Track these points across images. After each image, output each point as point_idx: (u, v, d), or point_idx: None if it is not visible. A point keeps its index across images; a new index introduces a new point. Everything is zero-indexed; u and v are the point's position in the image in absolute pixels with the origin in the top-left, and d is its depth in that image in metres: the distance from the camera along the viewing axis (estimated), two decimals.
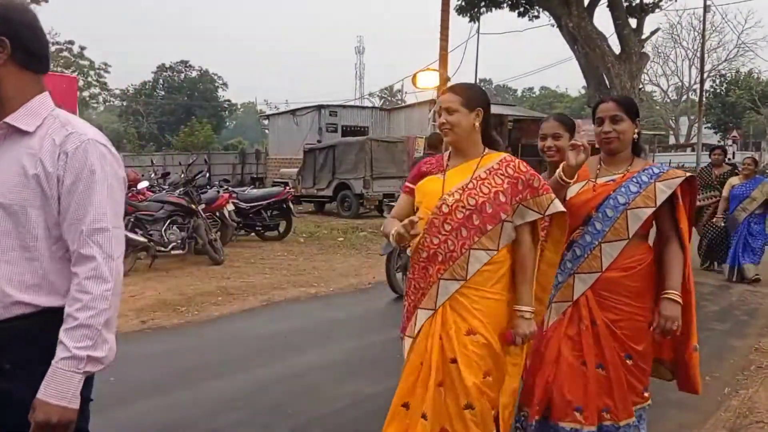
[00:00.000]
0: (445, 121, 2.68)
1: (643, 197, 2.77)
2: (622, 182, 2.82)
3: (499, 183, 2.63)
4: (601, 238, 2.79)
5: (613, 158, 2.91)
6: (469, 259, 2.59)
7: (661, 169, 2.85)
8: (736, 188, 8.94)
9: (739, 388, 4.69)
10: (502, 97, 70.58)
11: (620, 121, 2.82)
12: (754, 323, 6.62)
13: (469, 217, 2.59)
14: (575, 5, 23.01)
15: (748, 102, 49.23)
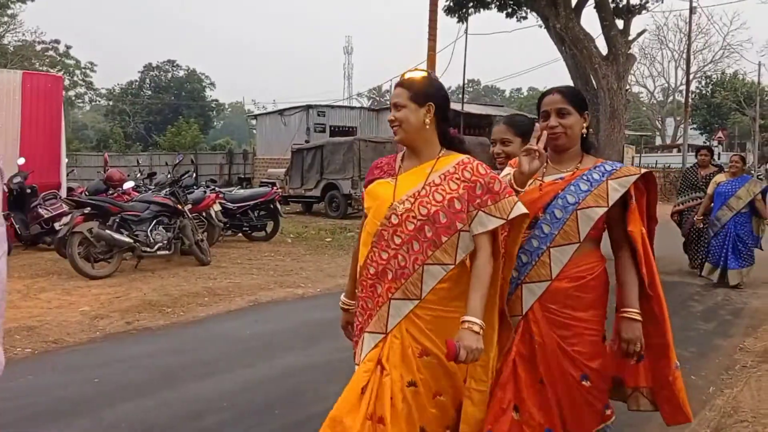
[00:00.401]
0: (392, 117, 2.44)
1: (595, 196, 2.50)
2: (571, 180, 2.56)
3: (454, 188, 2.37)
4: (549, 242, 2.52)
5: (560, 155, 2.64)
6: (423, 276, 2.33)
7: (614, 166, 2.59)
8: (722, 185, 8.60)
9: (723, 387, 4.71)
10: (491, 98, 70.77)
11: (567, 115, 2.56)
12: (739, 323, 6.66)
13: (421, 228, 2.34)
14: (563, 6, 23.09)
15: (733, 103, 49.63)
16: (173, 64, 57.22)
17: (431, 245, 2.33)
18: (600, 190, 2.50)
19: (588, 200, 2.50)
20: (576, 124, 2.57)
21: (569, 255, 2.49)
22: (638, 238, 2.49)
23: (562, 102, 2.57)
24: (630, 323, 2.49)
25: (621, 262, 2.56)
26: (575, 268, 2.49)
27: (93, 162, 26.71)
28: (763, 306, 7.43)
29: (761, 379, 4.86)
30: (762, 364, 5.20)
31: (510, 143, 3.02)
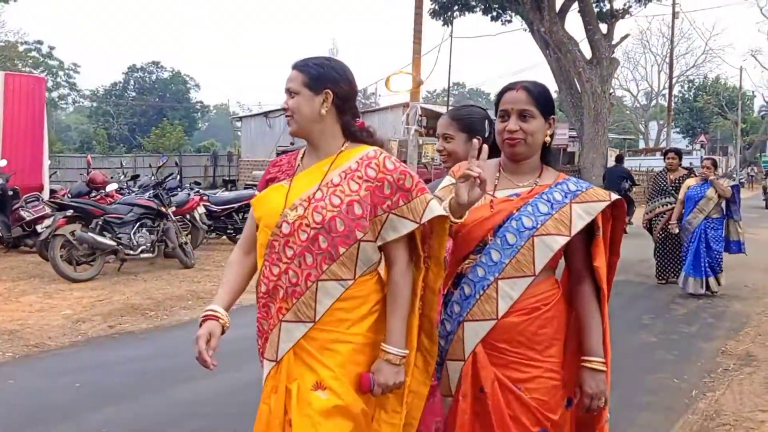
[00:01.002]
0: (285, 106, 2.10)
1: (556, 221, 2.08)
2: (528, 199, 2.13)
3: (354, 189, 2.01)
4: (498, 272, 2.08)
5: (517, 165, 2.20)
6: (317, 295, 1.98)
7: (579, 185, 2.17)
8: (692, 189, 8.21)
9: (706, 390, 4.75)
10: (476, 101, 70.94)
11: (530, 118, 2.12)
12: (721, 326, 6.72)
13: (315, 238, 1.98)
14: (547, 10, 23.26)
15: (715, 107, 50.20)
16: (158, 65, 56.93)
17: (326, 258, 1.98)
18: (562, 215, 2.09)
19: (548, 226, 2.07)
20: (539, 131, 2.14)
21: (521, 290, 2.07)
22: (604, 275, 2.10)
23: (526, 102, 2.13)
24: (595, 375, 2.08)
25: (582, 299, 2.14)
26: (528, 300, 2.09)
27: (76, 164, 26.47)
28: (744, 309, 7.50)
29: (743, 382, 4.90)
30: (744, 368, 5.24)
31: (452, 139, 2.65)
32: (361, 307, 2.03)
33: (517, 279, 2.08)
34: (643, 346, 5.93)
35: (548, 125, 2.18)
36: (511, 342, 2.08)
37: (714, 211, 8.04)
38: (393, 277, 2.05)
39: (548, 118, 2.17)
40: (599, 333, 2.10)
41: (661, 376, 5.05)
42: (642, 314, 7.08)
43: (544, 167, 2.23)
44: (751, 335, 6.30)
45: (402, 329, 2.01)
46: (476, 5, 25.88)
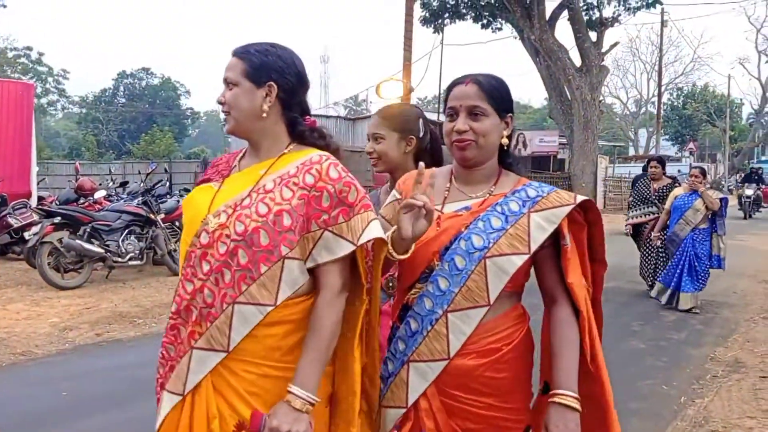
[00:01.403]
0: (221, 99, 1.82)
1: (511, 238, 1.76)
2: (479, 213, 1.81)
3: (287, 198, 1.71)
4: (447, 304, 1.76)
5: (470, 173, 1.89)
6: (233, 320, 1.68)
7: (540, 190, 1.84)
8: (679, 199, 7.83)
9: (695, 397, 4.76)
10: None
11: (482, 116, 1.81)
12: (710, 332, 6.74)
13: (234, 252, 1.69)
14: (537, 18, 23.43)
15: (704, 115, 50.60)
16: (147, 71, 56.84)
17: (245, 277, 1.68)
18: (518, 229, 1.77)
19: (501, 244, 1.75)
20: (493, 131, 1.83)
21: (474, 323, 1.75)
22: (580, 293, 1.76)
23: (477, 97, 1.82)
24: (564, 413, 1.69)
25: (556, 322, 1.80)
26: (485, 338, 1.76)
27: (65, 170, 26.34)
28: (733, 316, 7.53)
29: (731, 388, 4.91)
30: (732, 374, 5.26)
31: (383, 139, 2.38)
32: (294, 334, 1.72)
33: (469, 311, 1.75)
34: (632, 352, 5.94)
35: (505, 124, 1.87)
36: (464, 388, 1.76)
37: (702, 222, 7.67)
38: (316, 307, 1.72)
39: (504, 116, 1.86)
40: (573, 363, 1.73)
41: (651, 383, 5.06)
42: (631, 321, 7.10)
43: (503, 173, 1.92)
44: (739, 342, 6.32)
45: (315, 370, 1.68)
46: (467, 13, 26.02)
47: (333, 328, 1.71)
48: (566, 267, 1.77)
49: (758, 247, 13.93)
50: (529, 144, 27.56)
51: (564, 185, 24.56)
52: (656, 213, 8.39)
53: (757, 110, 52.52)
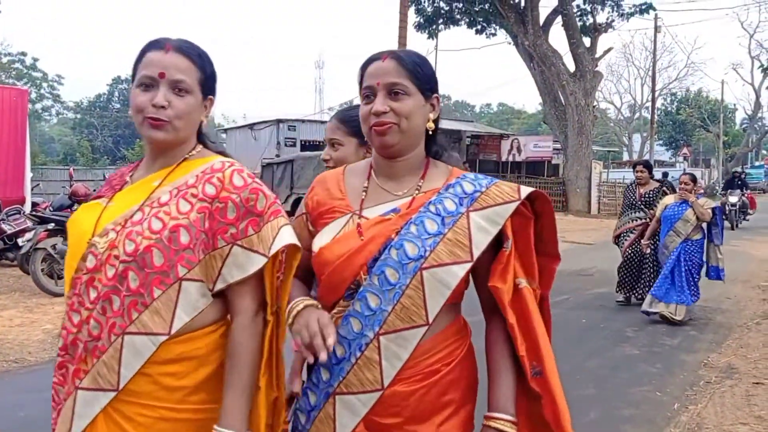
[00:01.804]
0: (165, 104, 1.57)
1: (450, 244, 1.51)
2: (411, 215, 1.55)
3: (184, 211, 1.52)
4: (379, 325, 1.50)
5: (392, 165, 1.63)
6: (122, 354, 1.47)
7: (477, 184, 1.60)
8: (669, 208, 7.41)
9: (688, 403, 4.76)
10: (461, 113, 71.42)
11: (404, 95, 1.55)
12: (704, 338, 6.76)
13: (124, 275, 1.48)
14: (531, 24, 23.55)
15: (698, 120, 50.82)
16: None
17: (136, 303, 1.48)
18: (457, 232, 1.52)
19: (439, 252, 1.51)
20: (417, 112, 1.58)
21: (412, 346, 1.50)
22: (505, 297, 1.53)
23: (396, 74, 1.56)
24: None
25: (492, 337, 1.60)
26: (423, 361, 1.52)
27: (59, 176, 26.28)
28: (726, 321, 7.55)
29: (725, 395, 4.92)
30: (725, 380, 5.27)
31: (341, 145, 2.18)
32: (200, 370, 1.52)
33: (404, 332, 1.50)
34: (626, 358, 5.94)
35: (431, 106, 1.62)
36: (401, 416, 1.52)
37: (694, 232, 7.27)
38: (233, 335, 1.53)
39: (430, 97, 1.61)
40: (510, 383, 1.55)
41: (644, 389, 5.07)
42: (625, 327, 7.10)
43: (431, 163, 1.67)
44: (732, 347, 6.34)
45: (242, 406, 1.49)
46: (461, 19, 26.14)
47: (255, 356, 1.53)
48: (494, 270, 1.54)
49: (751, 253, 13.97)
50: (523, 149, 27.62)
51: (558, 190, 24.65)
52: (643, 219, 8.09)
53: (750, 115, 52.75)
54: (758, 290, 9.57)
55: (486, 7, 24.78)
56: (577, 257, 12.21)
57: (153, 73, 1.54)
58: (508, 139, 28.99)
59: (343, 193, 1.66)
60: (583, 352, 6.06)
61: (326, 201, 1.66)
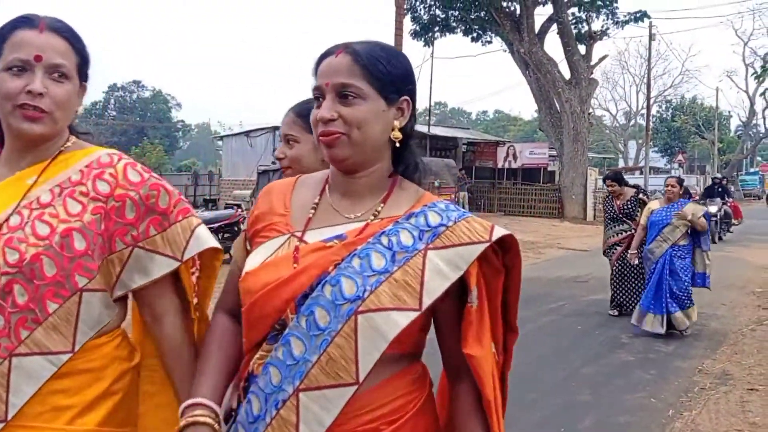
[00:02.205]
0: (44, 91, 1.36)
1: (396, 286, 1.22)
2: (357, 245, 1.26)
3: (75, 213, 1.34)
4: (299, 379, 1.21)
5: (348, 181, 1.35)
6: (11, 379, 1.28)
7: (446, 217, 1.29)
8: (655, 213, 7.12)
9: (682, 410, 4.75)
10: (457, 120, 71.60)
11: (356, 99, 1.27)
12: (698, 344, 6.75)
13: (8, 289, 1.28)
14: (526, 32, 23.64)
15: (692, 127, 51.02)
16: (138, 84, 56.87)
17: (25, 321, 1.29)
18: (408, 272, 1.23)
19: (381, 294, 1.21)
20: (374, 120, 1.28)
21: (337, 409, 1.21)
22: (484, 370, 1.25)
23: (349, 72, 1.27)
24: None
25: (458, 412, 1.32)
26: (358, 417, 1.23)
27: None
28: (722, 327, 7.55)
29: (719, 401, 4.92)
30: (720, 386, 5.27)
31: (296, 142, 1.89)
32: (93, 387, 1.33)
33: (328, 390, 1.20)
34: (621, 365, 5.94)
35: (398, 112, 1.32)
36: None
37: (681, 238, 6.96)
38: (167, 338, 1.41)
39: (395, 101, 1.31)
40: None
41: (639, 396, 5.06)
42: (620, 333, 7.09)
43: (398, 184, 1.36)
44: (727, 354, 6.34)
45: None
46: (457, 26, 26.22)
47: (192, 351, 1.42)
48: (466, 332, 1.25)
49: (747, 259, 13.99)
50: (519, 156, 27.66)
51: (554, 197, 24.69)
52: (628, 230, 7.84)
53: (745, 122, 52.98)
54: (753, 296, 9.57)
55: (482, 15, 24.87)
56: (572, 264, 12.21)
57: (27, 55, 1.33)
58: (504, 146, 29.03)
59: (286, 209, 1.37)
60: (578, 358, 6.06)
61: (266, 216, 1.38)
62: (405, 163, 1.37)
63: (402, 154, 1.36)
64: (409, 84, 1.35)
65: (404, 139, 1.33)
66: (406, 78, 1.34)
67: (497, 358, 1.33)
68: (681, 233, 6.95)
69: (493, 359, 1.30)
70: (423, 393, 1.32)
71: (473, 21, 25.43)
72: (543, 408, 4.75)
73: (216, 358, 1.35)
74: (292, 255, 1.27)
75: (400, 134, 1.32)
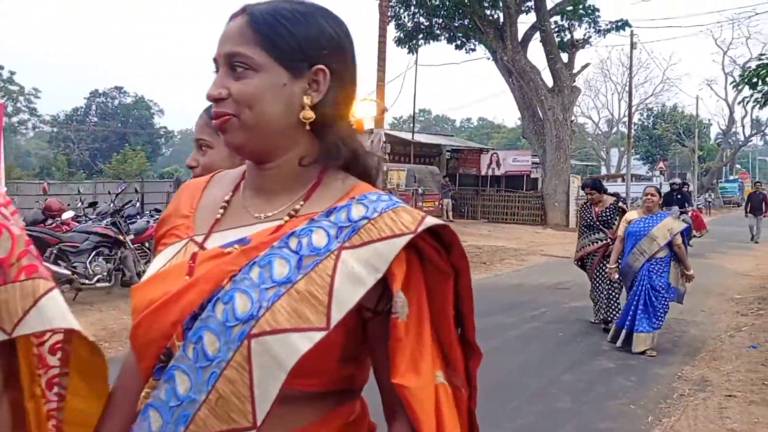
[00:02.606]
0: None
1: (297, 299, 0.94)
2: (258, 252, 1.00)
3: None
4: (183, 425, 0.94)
5: (259, 174, 1.09)
6: None
7: (373, 208, 1.01)
8: (633, 224, 6.72)
9: (662, 416, 4.78)
10: (441, 127, 71.79)
11: (248, 72, 1.02)
12: (678, 351, 6.79)
13: None
14: (510, 40, 23.79)
15: (673, 135, 51.57)
16: (120, 90, 56.52)
17: None
18: (313, 281, 0.96)
19: (277, 310, 0.94)
20: (268, 96, 1.02)
21: None
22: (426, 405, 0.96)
23: (239, 39, 1.03)
24: None
25: None
26: None
27: (34, 190, 25.94)
28: (700, 334, 7.60)
29: (698, 407, 4.95)
30: (698, 393, 5.30)
31: (209, 147, 1.69)
32: None
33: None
34: (602, 372, 5.96)
35: (312, 84, 1.03)
36: None
37: (660, 251, 6.57)
38: None
39: (304, 71, 1.03)
40: None
41: (619, 402, 5.07)
42: (601, 340, 7.12)
43: (328, 176, 1.08)
44: (706, 360, 6.38)
45: None
46: (441, 34, 26.34)
47: None
48: (394, 355, 0.95)
49: (726, 266, 14.13)
50: (502, 163, 27.81)
51: (537, 204, 24.81)
52: (604, 239, 7.54)
53: (724, 130, 53.64)
54: (732, 303, 9.66)
55: (465, 22, 25.01)
56: (555, 271, 12.26)
57: None
58: (487, 154, 29.18)
59: (192, 209, 1.14)
60: (559, 365, 6.08)
61: (170, 218, 1.16)
62: (326, 149, 1.06)
63: (326, 139, 1.06)
64: (325, 49, 1.04)
65: (324, 120, 1.04)
66: (320, 42, 1.04)
67: (461, 394, 1.04)
68: (658, 246, 6.53)
69: (443, 391, 0.99)
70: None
71: (457, 29, 25.57)
72: (524, 415, 4.76)
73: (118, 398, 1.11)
74: (187, 264, 1.02)
75: (312, 113, 1.03)
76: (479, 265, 13.42)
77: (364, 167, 1.11)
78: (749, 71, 11.87)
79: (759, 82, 11.32)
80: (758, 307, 9.17)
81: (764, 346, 6.81)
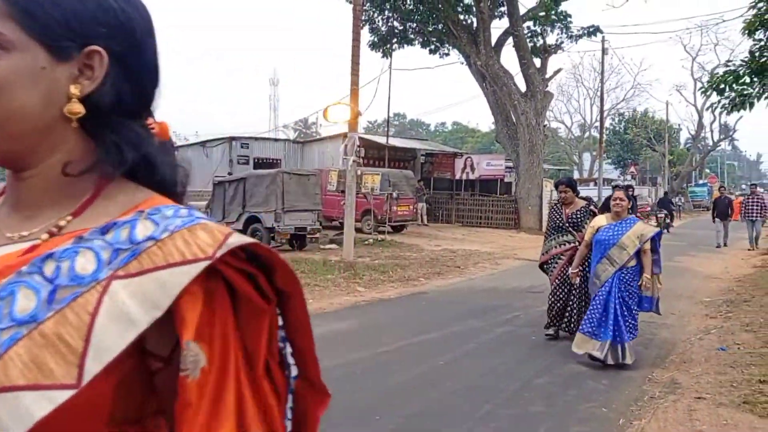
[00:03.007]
0: None
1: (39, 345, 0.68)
2: (6, 276, 0.73)
3: None
4: None
5: (15, 184, 0.83)
6: None
7: (164, 225, 0.75)
8: (602, 231, 6.40)
9: (633, 419, 4.84)
10: (416, 131, 72.01)
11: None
12: (648, 354, 6.88)
13: None
14: (483, 45, 23.95)
15: (644, 139, 52.25)
16: None
17: None
18: (67, 322, 0.70)
19: (10, 360, 0.68)
20: (21, 83, 0.76)
21: None
22: None
23: None
24: None
25: None
26: None
27: None
28: (671, 337, 7.72)
29: (668, 410, 5.02)
30: (668, 395, 5.37)
31: None
32: None
33: None
34: (574, 375, 6.02)
35: (82, 71, 0.80)
36: None
37: (630, 260, 6.25)
38: None
39: (71, 52, 0.79)
40: None
41: (591, 406, 5.13)
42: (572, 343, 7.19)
43: (114, 186, 0.84)
44: (676, 362, 6.47)
45: None
46: (414, 38, 26.43)
47: None
48: (180, 425, 0.73)
49: (695, 269, 14.34)
50: (476, 167, 27.94)
51: (511, 208, 24.98)
52: (572, 242, 7.28)
53: (693, 135, 54.48)
54: (701, 306, 9.82)
55: (439, 27, 25.12)
56: (527, 274, 12.35)
57: None
58: (461, 158, 29.29)
59: None
60: (532, 368, 6.12)
61: None
62: (103, 153, 0.82)
63: (102, 141, 0.82)
64: (103, 26, 0.81)
65: (100, 116, 0.81)
66: (96, 16, 0.81)
67: None
68: (629, 255, 6.23)
69: None
70: None
71: (431, 33, 25.67)
72: (497, 419, 4.78)
73: None
74: None
75: (81, 107, 0.79)
76: (453, 269, 13.48)
77: (161, 179, 0.87)
78: (717, 77, 12.08)
79: (726, 88, 11.54)
80: (727, 309, 9.33)
81: (733, 348, 6.92)
